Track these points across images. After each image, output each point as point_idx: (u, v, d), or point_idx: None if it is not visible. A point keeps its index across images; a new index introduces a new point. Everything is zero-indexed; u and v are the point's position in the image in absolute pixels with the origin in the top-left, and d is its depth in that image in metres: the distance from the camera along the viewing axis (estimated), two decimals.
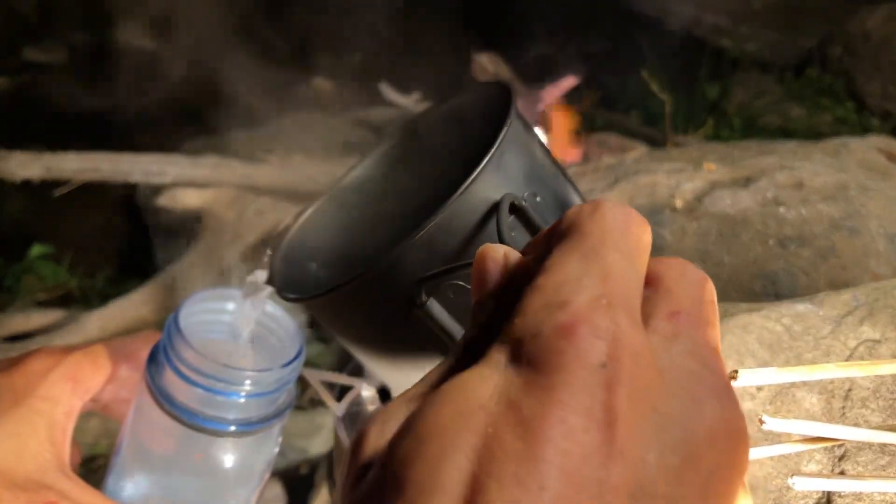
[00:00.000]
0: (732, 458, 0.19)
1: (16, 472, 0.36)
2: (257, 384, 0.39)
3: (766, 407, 0.46)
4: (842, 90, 2.06)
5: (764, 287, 0.84)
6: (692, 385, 0.20)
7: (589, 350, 0.18)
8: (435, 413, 0.19)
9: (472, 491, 0.17)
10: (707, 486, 0.18)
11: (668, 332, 0.21)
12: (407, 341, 0.36)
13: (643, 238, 0.22)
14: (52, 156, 1.28)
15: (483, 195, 0.32)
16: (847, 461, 0.43)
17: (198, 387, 0.39)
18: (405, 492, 0.17)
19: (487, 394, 0.19)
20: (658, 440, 0.18)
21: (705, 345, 0.21)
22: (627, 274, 0.21)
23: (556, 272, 0.21)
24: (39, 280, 1.33)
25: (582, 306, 0.19)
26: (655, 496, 0.17)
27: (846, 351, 0.49)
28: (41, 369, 0.39)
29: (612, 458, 0.17)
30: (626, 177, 1.01)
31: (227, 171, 1.36)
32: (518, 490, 0.17)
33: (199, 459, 0.41)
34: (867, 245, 0.86)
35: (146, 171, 1.32)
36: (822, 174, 0.97)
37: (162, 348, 0.40)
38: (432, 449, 0.18)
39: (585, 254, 0.21)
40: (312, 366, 0.87)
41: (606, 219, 0.22)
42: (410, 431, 0.19)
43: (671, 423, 0.19)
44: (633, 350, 0.19)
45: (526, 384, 0.18)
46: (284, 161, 1.44)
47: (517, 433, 0.17)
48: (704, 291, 0.22)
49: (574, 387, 0.18)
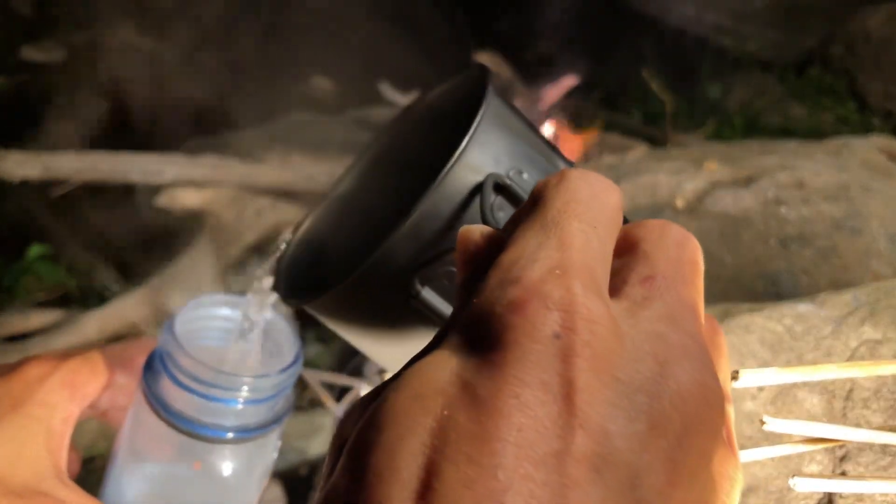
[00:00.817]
0: (703, 420, 0.18)
1: (12, 479, 0.36)
2: (255, 390, 0.39)
3: (767, 407, 0.46)
4: (843, 90, 2.05)
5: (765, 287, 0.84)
6: (658, 348, 0.19)
7: (540, 322, 0.18)
8: (394, 399, 0.18)
9: (427, 474, 0.17)
10: (676, 451, 0.18)
11: (640, 297, 0.20)
12: (412, 332, 0.36)
13: (610, 203, 0.22)
14: (51, 155, 1.28)
15: (468, 178, 0.31)
16: (848, 462, 0.42)
17: (194, 394, 0.38)
18: (364, 479, 0.17)
19: (445, 377, 0.18)
20: (620, 408, 0.18)
21: (678, 306, 0.20)
22: (589, 242, 0.20)
23: (514, 247, 0.20)
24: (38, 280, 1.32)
25: (534, 279, 0.19)
26: (620, 465, 0.17)
27: (847, 351, 0.49)
28: (38, 375, 0.39)
29: (572, 429, 0.17)
30: (627, 176, 1.01)
31: (227, 171, 1.36)
32: (472, 470, 0.16)
33: (197, 467, 0.41)
34: (869, 245, 0.86)
35: (145, 170, 1.32)
36: (824, 174, 0.97)
37: (158, 355, 0.40)
38: (390, 435, 0.18)
39: (545, 225, 0.21)
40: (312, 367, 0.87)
41: (570, 188, 0.22)
42: (371, 419, 0.18)
43: (634, 389, 0.18)
44: (589, 318, 0.18)
45: (480, 364, 0.18)
46: (284, 161, 1.43)
47: (471, 414, 0.17)
48: (684, 251, 0.22)
49: (527, 361, 0.18)
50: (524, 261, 0.20)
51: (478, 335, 0.19)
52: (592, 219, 0.21)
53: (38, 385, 0.39)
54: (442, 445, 0.17)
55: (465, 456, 0.16)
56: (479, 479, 0.16)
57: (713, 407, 0.19)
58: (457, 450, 0.17)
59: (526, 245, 0.20)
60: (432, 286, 0.32)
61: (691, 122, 1.94)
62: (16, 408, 0.38)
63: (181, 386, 0.38)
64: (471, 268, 0.22)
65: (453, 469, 0.16)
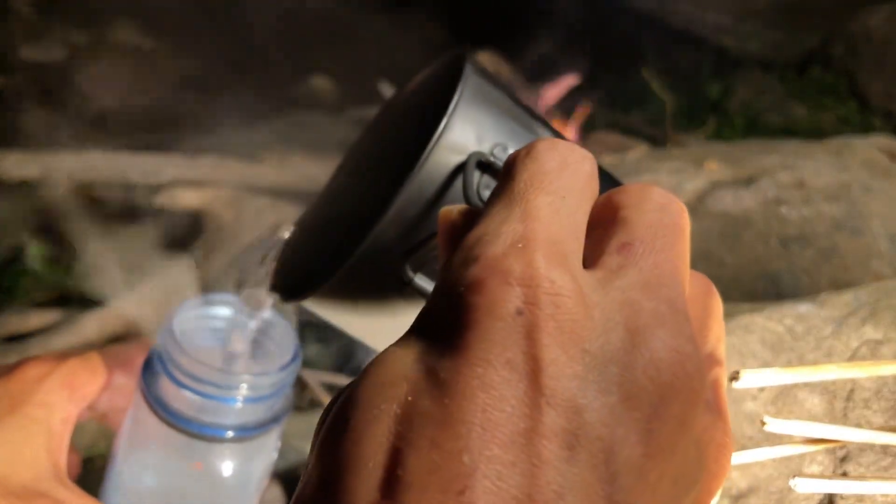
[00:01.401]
0: (679, 388, 0.18)
1: (11, 480, 0.36)
2: (254, 388, 0.39)
3: (768, 408, 0.46)
4: (844, 89, 2.05)
5: (766, 287, 0.84)
6: (630, 317, 0.18)
7: (501, 299, 0.18)
8: (359, 389, 0.18)
9: (392, 462, 0.16)
10: (652, 422, 0.17)
11: (615, 266, 0.20)
12: (412, 318, 0.36)
13: (582, 171, 0.21)
14: (51, 155, 1.28)
15: (450, 159, 0.31)
16: (849, 462, 0.42)
17: (193, 392, 0.38)
18: (331, 471, 0.17)
19: (409, 363, 0.18)
20: (590, 381, 0.17)
21: (654, 272, 0.19)
22: (557, 213, 0.20)
23: (479, 225, 0.20)
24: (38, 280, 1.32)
25: (495, 255, 0.18)
26: (592, 440, 0.16)
27: (848, 351, 0.49)
28: (37, 376, 0.39)
29: (539, 407, 0.16)
30: (627, 176, 1.01)
31: (226, 171, 1.35)
32: (436, 454, 0.16)
33: (198, 467, 0.41)
34: (869, 245, 0.85)
35: (144, 170, 1.31)
36: (825, 174, 0.97)
37: (157, 355, 0.40)
38: (355, 425, 0.17)
39: (511, 200, 0.20)
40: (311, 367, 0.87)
41: (538, 159, 0.21)
42: (338, 410, 0.18)
43: (605, 360, 0.17)
44: (552, 290, 0.18)
45: (444, 348, 0.18)
46: (283, 161, 1.43)
47: (434, 398, 0.17)
48: (664, 214, 0.21)
49: (489, 340, 0.17)
50: (487, 237, 0.19)
51: (441, 318, 0.18)
52: (561, 188, 0.20)
53: (36, 386, 0.39)
54: (406, 432, 0.16)
55: (429, 441, 0.16)
56: (443, 464, 0.16)
57: (690, 374, 0.18)
58: (420, 435, 0.16)
59: (490, 221, 0.20)
60: (425, 271, 0.32)
61: (691, 122, 1.94)
62: (15, 409, 0.38)
63: (180, 385, 0.38)
64: (452, 249, 0.22)
65: (417, 455, 0.16)
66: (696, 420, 0.18)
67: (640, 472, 0.17)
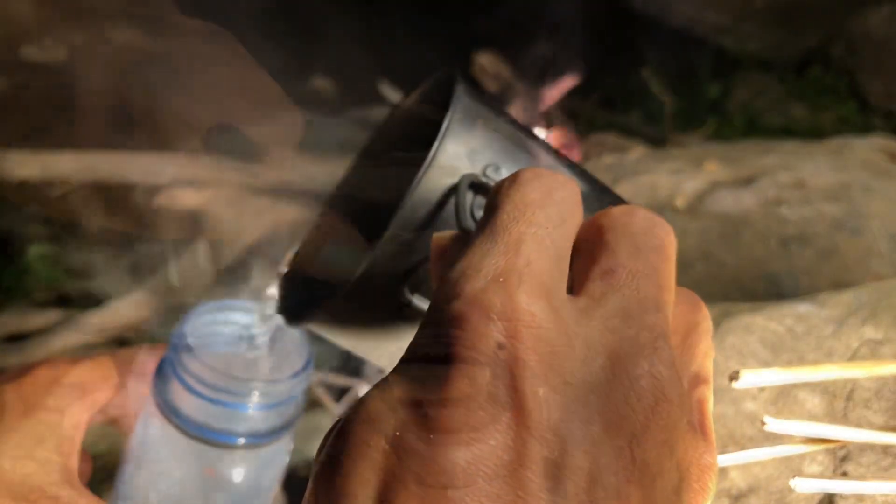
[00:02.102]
0: (659, 413, 0.18)
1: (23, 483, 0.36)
2: (266, 396, 0.39)
3: (768, 408, 0.46)
4: (844, 89, 2.05)
5: (766, 287, 0.84)
6: (612, 346, 0.19)
7: (482, 334, 0.18)
8: (350, 423, 0.18)
9: (381, 497, 0.17)
10: (634, 449, 0.18)
11: (598, 293, 0.20)
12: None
13: (566, 200, 0.21)
14: (50, 155, 1.28)
15: (443, 181, 0.31)
16: (849, 462, 0.42)
17: (205, 399, 0.38)
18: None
19: (397, 398, 0.18)
20: (572, 412, 0.17)
21: (635, 298, 0.20)
22: (540, 244, 0.20)
23: (462, 259, 0.20)
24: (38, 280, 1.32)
25: (476, 290, 0.19)
26: (576, 470, 0.17)
27: (848, 352, 0.49)
28: (49, 380, 0.39)
29: (523, 439, 0.17)
30: (627, 176, 1.01)
31: (226, 171, 1.35)
32: (422, 491, 0.16)
33: (208, 473, 0.41)
34: (869, 245, 0.85)
35: (145, 170, 1.32)
36: (824, 174, 0.97)
37: (169, 361, 0.40)
38: (345, 460, 0.18)
39: (493, 232, 0.20)
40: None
41: (522, 191, 0.21)
42: (331, 444, 0.19)
43: (586, 390, 0.18)
44: (534, 323, 0.18)
45: (428, 381, 0.18)
46: (283, 161, 1.43)
47: (420, 433, 0.17)
48: (648, 238, 0.21)
49: (471, 375, 0.17)
50: (470, 271, 0.19)
51: (426, 352, 0.19)
52: (544, 218, 0.20)
53: (48, 390, 0.39)
54: (393, 467, 0.17)
55: (415, 476, 0.16)
56: (429, 500, 0.16)
57: (670, 399, 0.18)
58: (407, 470, 0.17)
59: (473, 255, 0.20)
60: (422, 291, 0.32)
61: (691, 122, 1.94)
62: (27, 412, 0.38)
63: (192, 391, 0.38)
64: (444, 275, 0.22)
65: (404, 491, 0.16)
66: (677, 444, 0.19)
67: (622, 498, 0.17)
